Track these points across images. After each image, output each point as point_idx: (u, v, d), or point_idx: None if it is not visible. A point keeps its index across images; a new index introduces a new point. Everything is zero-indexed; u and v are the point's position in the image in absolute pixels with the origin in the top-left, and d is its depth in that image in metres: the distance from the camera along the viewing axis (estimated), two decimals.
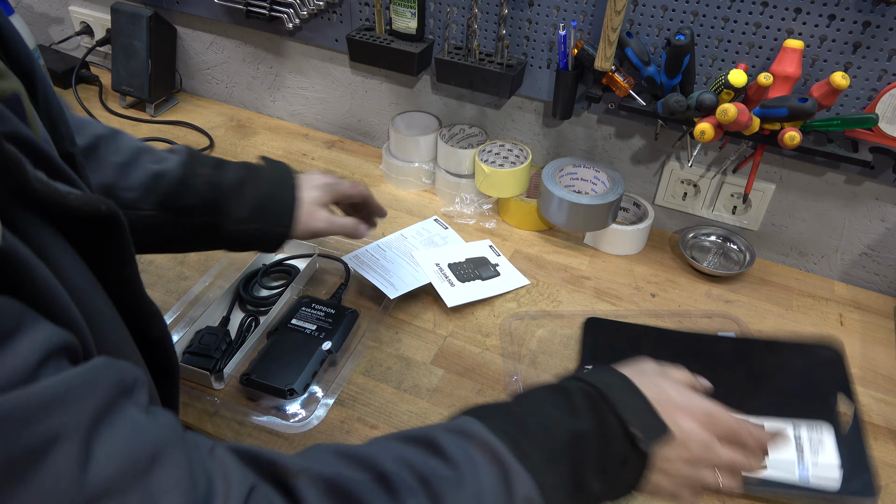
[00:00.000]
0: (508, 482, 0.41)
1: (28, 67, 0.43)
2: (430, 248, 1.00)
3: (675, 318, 0.93)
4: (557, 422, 0.46)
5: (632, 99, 0.94)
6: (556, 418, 0.46)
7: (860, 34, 0.80)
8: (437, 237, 1.03)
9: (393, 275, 0.93)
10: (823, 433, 0.74)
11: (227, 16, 1.21)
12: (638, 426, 0.48)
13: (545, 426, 0.45)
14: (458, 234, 1.04)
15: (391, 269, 0.94)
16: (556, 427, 0.46)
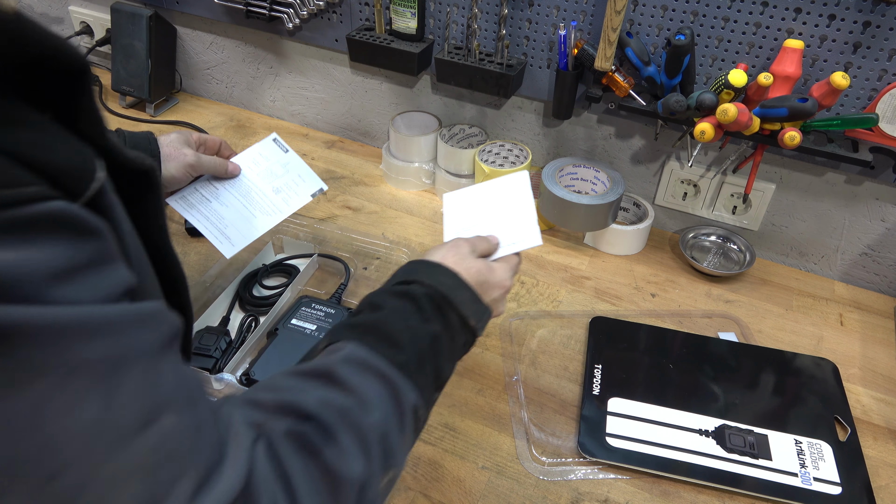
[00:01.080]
0: (398, 397, 0.48)
1: None
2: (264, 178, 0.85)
3: (675, 318, 0.93)
4: (417, 330, 0.54)
5: (632, 99, 0.94)
6: (415, 327, 0.54)
7: (860, 34, 0.80)
8: (277, 165, 0.86)
9: (228, 224, 0.80)
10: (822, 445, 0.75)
11: (227, 16, 1.21)
12: (474, 318, 0.58)
13: (411, 337, 0.53)
14: (299, 157, 0.88)
15: (226, 214, 0.80)
16: (418, 335, 0.53)
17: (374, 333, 0.52)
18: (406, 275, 0.59)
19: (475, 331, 0.59)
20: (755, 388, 0.81)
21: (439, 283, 0.58)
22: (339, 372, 0.47)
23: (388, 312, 0.54)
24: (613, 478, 0.72)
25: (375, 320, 0.54)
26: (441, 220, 1.09)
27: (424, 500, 0.69)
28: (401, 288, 0.57)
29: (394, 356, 0.50)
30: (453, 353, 0.57)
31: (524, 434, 0.76)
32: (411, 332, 0.53)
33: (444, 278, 0.59)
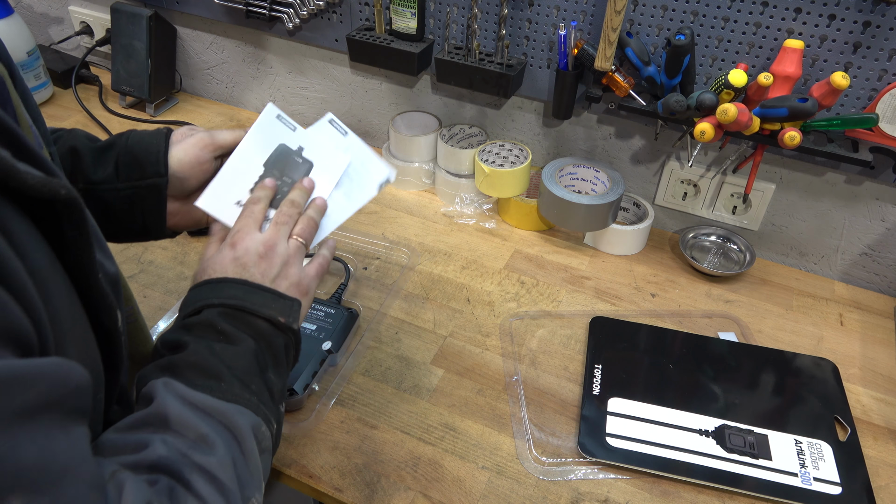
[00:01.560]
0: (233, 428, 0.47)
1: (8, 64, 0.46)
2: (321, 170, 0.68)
3: (675, 318, 0.93)
4: (228, 353, 0.51)
5: (632, 99, 0.94)
6: (224, 352, 0.51)
7: (860, 34, 0.80)
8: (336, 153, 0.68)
9: None
10: (822, 445, 0.75)
11: (227, 16, 1.21)
12: (281, 314, 0.55)
13: (225, 363, 0.50)
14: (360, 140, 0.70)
15: None
16: (232, 358, 0.51)
17: (185, 369, 0.49)
18: (193, 303, 0.55)
19: (290, 326, 0.56)
20: (755, 388, 0.81)
21: (229, 297, 0.54)
22: (166, 412, 0.45)
23: (191, 346, 0.51)
24: (613, 478, 0.72)
25: (181, 358, 0.50)
26: (441, 221, 1.09)
27: (424, 500, 0.69)
28: (193, 319, 0.54)
29: (213, 387, 0.48)
30: (277, 358, 0.55)
31: (524, 434, 0.76)
32: (222, 357, 0.50)
33: (231, 290, 0.55)
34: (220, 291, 0.55)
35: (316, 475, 0.71)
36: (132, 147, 0.63)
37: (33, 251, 0.37)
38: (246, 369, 0.51)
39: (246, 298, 0.54)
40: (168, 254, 0.99)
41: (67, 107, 1.32)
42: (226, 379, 0.49)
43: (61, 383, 0.34)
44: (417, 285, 0.96)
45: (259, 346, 0.53)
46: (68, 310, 0.40)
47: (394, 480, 0.71)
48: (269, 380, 0.53)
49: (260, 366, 0.52)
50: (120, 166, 0.62)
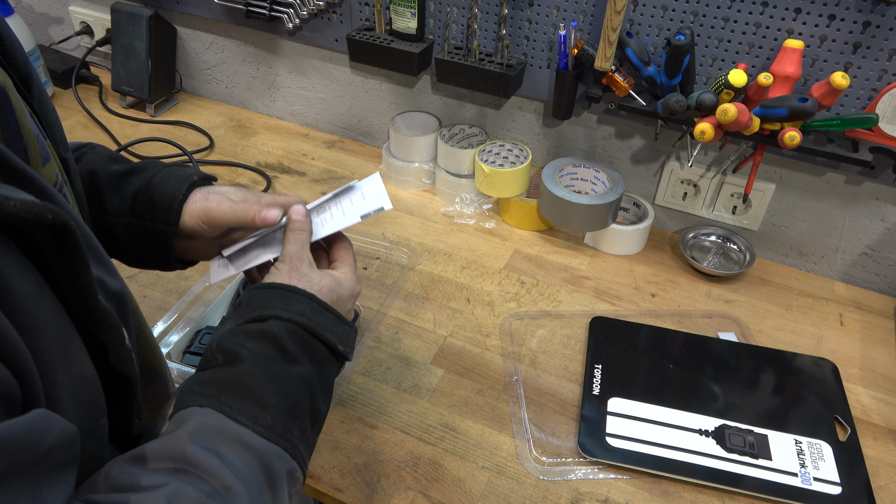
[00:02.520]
0: (268, 470, 0.43)
1: (25, 71, 0.44)
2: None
3: (675, 318, 0.93)
4: (284, 376, 0.48)
5: (632, 99, 0.94)
6: (281, 374, 0.48)
7: (860, 34, 0.80)
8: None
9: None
10: (822, 445, 0.75)
11: (227, 16, 1.21)
12: (341, 342, 0.53)
13: (278, 388, 0.47)
14: None
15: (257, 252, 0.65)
16: (285, 382, 0.48)
17: (233, 392, 0.46)
18: (259, 307, 0.52)
19: (345, 356, 0.54)
20: (755, 388, 0.81)
21: (298, 313, 0.51)
22: (191, 453, 0.40)
23: (248, 363, 0.48)
24: (613, 478, 0.72)
25: (234, 376, 0.47)
26: (441, 221, 1.09)
27: (424, 500, 0.69)
28: (258, 327, 0.50)
29: (258, 418, 0.45)
30: (326, 385, 0.53)
31: (524, 434, 0.76)
32: (278, 381, 0.47)
33: (301, 305, 0.52)
34: (289, 304, 0.52)
35: (316, 475, 0.71)
36: (153, 189, 0.60)
37: (18, 281, 0.35)
38: (297, 397, 0.48)
39: (313, 318, 0.52)
40: None
41: (67, 107, 1.32)
42: (273, 410, 0.46)
43: (33, 446, 0.32)
44: (417, 285, 0.96)
45: (314, 372, 0.51)
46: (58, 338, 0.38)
47: (394, 480, 0.71)
48: (316, 408, 0.51)
49: (311, 393, 0.50)
50: (136, 203, 0.60)
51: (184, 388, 0.46)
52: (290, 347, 0.50)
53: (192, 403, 0.45)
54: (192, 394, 0.45)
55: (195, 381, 0.47)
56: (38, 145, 0.41)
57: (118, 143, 1.22)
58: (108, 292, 0.43)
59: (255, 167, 1.19)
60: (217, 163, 1.20)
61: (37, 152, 0.40)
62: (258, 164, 1.20)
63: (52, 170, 0.42)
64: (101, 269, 0.43)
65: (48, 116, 0.46)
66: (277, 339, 0.50)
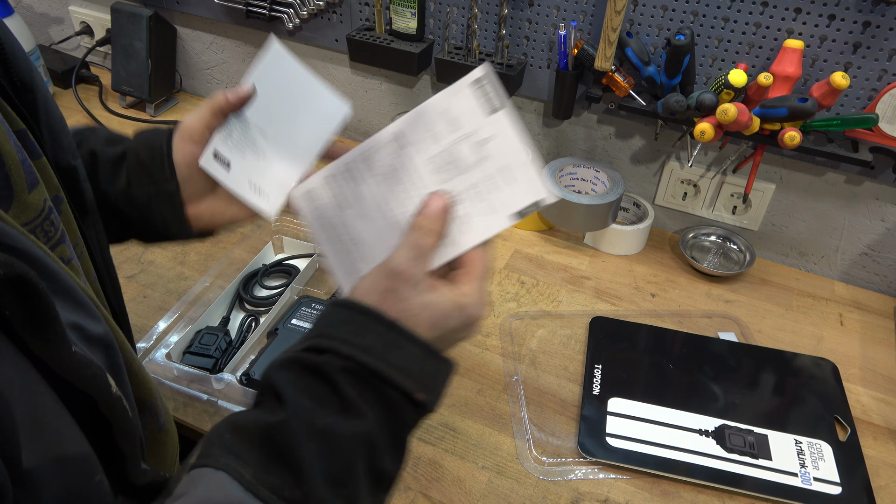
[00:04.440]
0: None
1: (27, 79, 0.43)
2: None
3: (675, 318, 0.93)
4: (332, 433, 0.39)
5: (632, 99, 0.94)
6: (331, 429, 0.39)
7: (860, 34, 0.80)
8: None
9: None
10: (822, 445, 0.75)
11: (227, 16, 1.22)
12: (422, 387, 0.42)
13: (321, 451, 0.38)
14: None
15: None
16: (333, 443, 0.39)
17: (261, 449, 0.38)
18: (321, 333, 0.43)
19: (426, 405, 0.43)
20: (755, 388, 0.81)
21: (363, 350, 0.41)
22: None
23: (287, 415, 0.39)
24: (613, 478, 0.72)
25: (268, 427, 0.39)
26: None
27: (424, 500, 0.69)
28: (313, 360, 0.41)
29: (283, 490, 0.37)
30: (397, 438, 0.42)
31: (524, 434, 0.76)
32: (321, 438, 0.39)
33: (371, 337, 0.42)
34: (358, 334, 0.42)
35: None
36: (139, 152, 0.57)
37: None
38: (348, 460, 0.39)
39: (385, 355, 0.41)
40: (168, 254, 0.99)
41: (67, 107, 1.32)
42: (306, 481, 0.37)
43: None
44: None
45: (377, 424, 0.41)
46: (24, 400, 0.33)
47: None
48: (378, 469, 0.41)
49: (369, 452, 0.40)
50: (131, 175, 0.56)
51: (213, 433, 0.40)
52: (347, 393, 0.40)
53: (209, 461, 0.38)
54: (216, 444, 0.39)
55: (229, 425, 0.40)
56: (22, 171, 0.37)
57: None
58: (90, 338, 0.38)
59: None
60: None
61: (21, 178, 0.37)
62: None
63: (39, 196, 0.39)
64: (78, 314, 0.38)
65: (55, 125, 0.45)
66: (332, 382, 0.40)
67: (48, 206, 0.40)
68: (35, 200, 0.38)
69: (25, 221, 0.37)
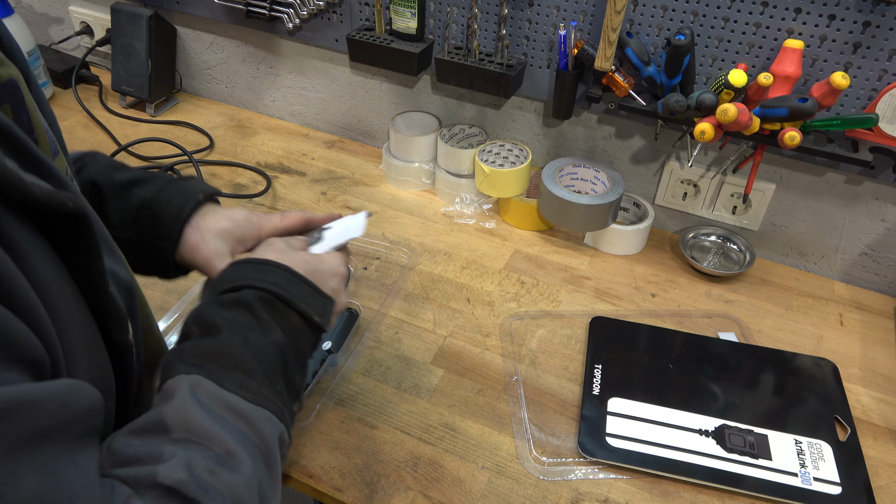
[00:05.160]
0: (261, 436, 0.44)
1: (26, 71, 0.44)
2: None
3: (675, 318, 0.93)
4: (261, 344, 0.49)
5: (632, 99, 0.94)
6: (258, 341, 0.49)
7: (860, 34, 0.80)
8: None
9: None
10: (822, 445, 0.75)
11: (227, 16, 1.21)
12: (317, 313, 0.54)
13: (256, 356, 0.48)
14: None
15: None
16: (263, 351, 0.49)
17: (217, 361, 0.46)
18: (234, 279, 0.53)
19: (321, 326, 0.54)
20: (755, 388, 0.81)
21: (272, 283, 0.52)
22: (192, 422, 0.42)
23: (225, 332, 0.48)
24: (613, 478, 0.72)
25: (214, 345, 0.47)
26: (441, 221, 1.09)
27: (424, 500, 0.69)
28: (232, 296, 0.51)
29: (243, 384, 0.46)
30: (301, 356, 0.53)
31: (524, 434, 0.76)
32: (255, 349, 0.48)
33: (275, 276, 0.53)
34: (263, 275, 0.53)
35: (316, 475, 0.71)
36: (158, 205, 0.60)
37: (41, 265, 0.36)
38: (274, 365, 0.49)
39: (287, 288, 0.53)
40: None
41: (67, 107, 1.32)
42: (256, 376, 0.47)
43: (70, 407, 0.33)
44: (417, 285, 0.96)
45: (288, 341, 0.51)
46: (79, 323, 0.39)
47: (394, 480, 0.71)
48: (291, 378, 0.51)
49: (284, 362, 0.51)
50: (139, 218, 0.60)
51: (167, 361, 0.47)
52: (263, 316, 0.51)
53: (178, 372, 0.45)
54: (177, 364, 0.46)
55: (176, 353, 0.47)
56: (48, 139, 0.42)
57: (118, 143, 1.22)
58: (119, 283, 0.44)
59: (255, 167, 1.19)
60: (217, 163, 1.20)
61: (47, 145, 0.41)
62: (258, 164, 1.20)
63: (61, 163, 0.43)
64: (112, 260, 0.44)
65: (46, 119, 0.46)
66: (251, 308, 0.51)
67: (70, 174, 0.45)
68: (60, 166, 0.42)
69: None
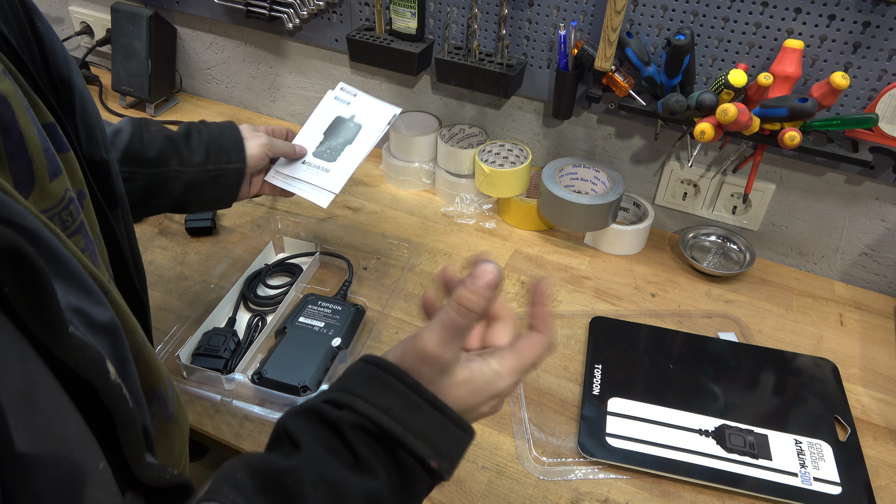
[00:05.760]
0: None
1: (67, 77, 0.45)
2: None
3: (675, 318, 0.93)
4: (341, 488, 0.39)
5: (632, 99, 0.94)
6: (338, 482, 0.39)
7: (860, 34, 0.80)
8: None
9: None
10: (822, 445, 0.75)
11: (227, 16, 1.22)
12: (438, 455, 0.41)
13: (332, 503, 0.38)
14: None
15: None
16: (342, 497, 0.39)
17: (271, 492, 0.38)
18: (345, 390, 0.42)
19: (440, 474, 0.42)
20: (755, 388, 0.81)
21: (381, 408, 0.41)
22: None
23: (303, 456, 0.40)
24: (613, 478, 0.72)
25: (279, 473, 0.39)
26: (441, 221, 1.09)
27: (424, 500, 0.69)
28: (328, 412, 0.41)
29: None
30: (407, 502, 0.42)
31: (524, 434, 0.76)
32: (330, 491, 0.39)
33: (389, 398, 0.41)
34: (379, 393, 0.42)
35: None
36: (218, 137, 0.77)
37: None
38: None
39: (402, 417, 0.41)
40: (168, 254, 0.99)
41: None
42: None
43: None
44: (417, 285, 0.96)
45: (391, 485, 0.40)
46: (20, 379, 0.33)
47: None
48: None
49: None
50: (211, 152, 0.75)
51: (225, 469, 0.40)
52: (360, 451, 0.40)
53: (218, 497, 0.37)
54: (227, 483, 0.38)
55: (243, 464, 0.40)
56: (44, 158, 0.38)
57: None
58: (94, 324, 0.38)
59: None
60: None
61: (43, 166, 0.38)
62: None
63: (60, 185, 0.39)
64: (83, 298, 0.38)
65: (90, 120, 0.46)
66: (342, 434, 0.40)
67: (69, 197, 0.40)
68: (56, 189, 0.39)
69: (45, 208, 0.38)
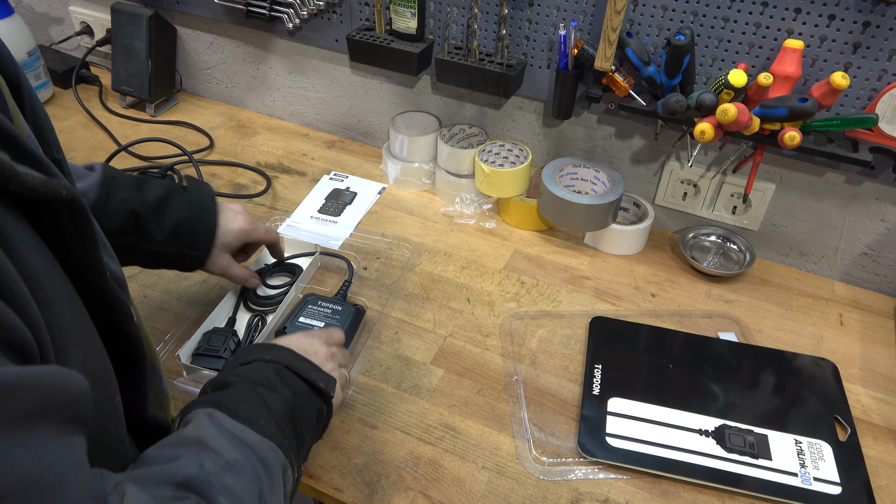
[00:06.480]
0: (264, 459, 0.50)
1: (14, 77, 0.45)
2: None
3: (675, 318, 0.93)
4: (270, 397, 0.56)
5: (632, 99, 0.94)
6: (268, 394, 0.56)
7: (860, 34, 0.80)
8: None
9: None
10: (822, 445, 0.75)
11: (227, 16, 1.21)
12: (322, 382, 0.62)
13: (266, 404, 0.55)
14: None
15: None
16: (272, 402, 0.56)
17: (230, 403, 0.53)
18: (244, 356, 0.62)
19: (327, 395, 0.62)
20: (755, 388, 0.81)
21: (280, 357, 0.61)
22: (205, 436, 0.48)
23: (237, 386, 0.56)
24: (613, 478, 0.72)
25: (227, 396, 0.55)
26: (441, 221, 1.09)
27: (424, 500, 0.69)
28: (242, 368, 0.60)
29: (253, 421, 0.52)
30: (308, 419, 0.59)
31: (524, 434, 0.76)
32: (265, 399, 0.55)
33: (282, 352, 0.62)
34: (272, 351, 0.62)
35: (316, 475, 0.71)
36: (191, 220, 0.76)
37: (31, 255, 0.36)
38: (283, 415, 0.55)
39: (293, 362, 0.61)
40: None
41: (67, 107, 1.32)
42: (264, 416, 0.53)
43: (59, 391, 0.33)
44: (417, 285, 0.96)
45: (296, 399, 0.58)
46: (69, 313, 0.39)
47: (394, 480, 0.71)
48: (300, 433, 0.57)
49: (293, 415, 0.57)
50: (179, 233, 0.75)
51: (186, 407, 0.54)
52: (271, 378, 0.58)
53: (195, 408, 0.52)
54: (194, 404, 0.53)
55: (194, 402, 0.54)
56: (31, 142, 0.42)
57: (118, 143, 1.22)
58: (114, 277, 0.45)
59: (255, 167, 1.19)
60: (217, 163, 1.20)
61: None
62: (258, 164, 1.20)
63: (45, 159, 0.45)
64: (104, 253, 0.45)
65: (40, 120, 0.47)
66: (261, 371, 0.58)
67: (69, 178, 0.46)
68: None
69: None
